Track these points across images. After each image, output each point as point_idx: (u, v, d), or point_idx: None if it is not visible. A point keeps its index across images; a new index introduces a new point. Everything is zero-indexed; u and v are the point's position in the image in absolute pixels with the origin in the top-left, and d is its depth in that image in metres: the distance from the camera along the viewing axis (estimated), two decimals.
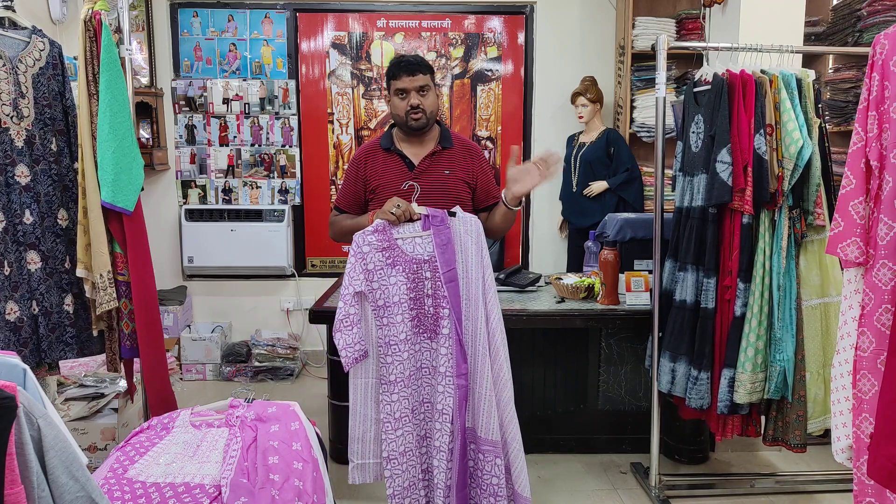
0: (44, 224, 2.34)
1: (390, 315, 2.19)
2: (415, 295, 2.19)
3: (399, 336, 2.19)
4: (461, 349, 2.17)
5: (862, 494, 1.63)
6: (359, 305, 2.20)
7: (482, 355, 2.17)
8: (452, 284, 2.19)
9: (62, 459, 1.16)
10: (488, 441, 2.19)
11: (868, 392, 1.58)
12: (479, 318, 2.18)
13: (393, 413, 2.19)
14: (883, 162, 1.56)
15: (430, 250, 2.20)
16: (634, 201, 3.95)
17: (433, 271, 2.20)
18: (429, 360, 2.22)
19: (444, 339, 2.19)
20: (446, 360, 2.18)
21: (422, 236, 2.22)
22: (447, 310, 2.19)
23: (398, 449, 2.21)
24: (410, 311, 2.20)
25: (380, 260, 2.19)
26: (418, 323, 2.20)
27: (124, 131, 2.31)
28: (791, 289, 2.42)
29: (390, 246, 2.19)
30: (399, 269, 2.19)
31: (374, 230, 2.20)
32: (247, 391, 2.17)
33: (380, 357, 2.20)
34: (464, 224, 2.24)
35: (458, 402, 2.17)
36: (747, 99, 2.38)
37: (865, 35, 3.36)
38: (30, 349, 2.31)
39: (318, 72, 4.42)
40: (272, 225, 4.34)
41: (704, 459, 3.11)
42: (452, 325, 2.17)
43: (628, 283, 2.90)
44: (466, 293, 2.20)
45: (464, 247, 2.22)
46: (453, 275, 2.19)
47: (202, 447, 1.94)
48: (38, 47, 2.32)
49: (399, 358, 2.19)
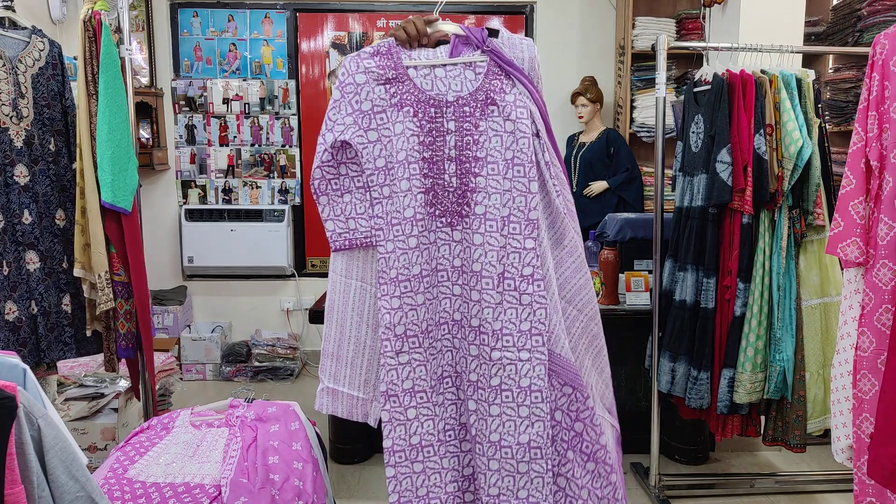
0: (42, 224, 2.34)
1: (392, 181, 1.52)
2: (430, 154, 1.53)
3: (404, 213, 1.53)
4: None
5: (862, 494, 1.62)
6: (343, 165, 1.55)
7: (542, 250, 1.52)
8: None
9: (62, 459, 1.16)
10: (569, 366, 1.54)
11: (868, 392, 1.58)
12: (528, 196, 1.51)
13: (393, 326, 1.54)
14: (883, 162, 1.56)
15: (459, 87, 1.53)
16: (634, 201, 3.95)
17: (461, 120, 1.52)
18: (448, 257, 1.56)
19: (477, 222, 1.52)
20: (481, 252, 1.52)
21: (447, 66, 1.54)
22: (483, 179, 1.52)
23: (403, 383, 1.56)
24: (423, 178, 1.54)
25: (380, 97, 1.52)
26: (434, 199, 1.54)
27: (122, 132, 2.31)
28: (791, 289, 2.42)
29: (398, 77, 1.53)
30: (408, 111, 1.52)
31: (375, 52, 1.54)
32: (247, 391, 2.16)
33: (377, 244, 1.55)
34: (512, 48, 1.59)
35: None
36: (747, 99, 2.37)
37: (865, 35, 3.36)
38: (29, 349, 2.31)
39: (318, 72, 4.42)
40: (272, 225, 4.34)
41: (704, 459, 3.11)
42: (492, 203, 1.51)
43: (628, 283, 2.90)
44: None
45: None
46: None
47: (202, 447, 1.94)
48: (37, 47, 2.32)
49: (403, 245, 1.53)
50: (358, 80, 1.52)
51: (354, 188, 1.55)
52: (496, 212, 1.52)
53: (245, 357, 4.24)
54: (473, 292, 1.53)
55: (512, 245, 1.53)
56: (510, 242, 1.53)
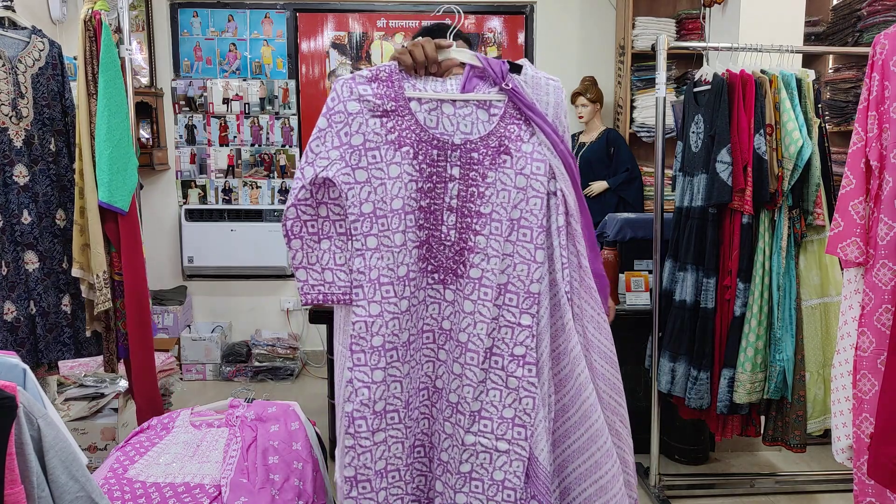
0: (41, 224, 2.34)
1: (382, 232, 1.32)
2: (429, 203, 1.35)
3: (397, 271, 1.33)
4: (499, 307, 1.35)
5: (862, 494, 1.62)
6: (323, 206, 1.33)
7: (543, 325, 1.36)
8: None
9: (62, 459, 1.16)
10: (542, 477, 1.36)
11: (868, 392, 1.58)
12: (534, 266, 1.34)
13: (373, 403, 1.32)
14: (883, 162, 1.56)
15: (469, 128, 1.34)
16: (634, 201, 3.95)
17: (467, 167, 1.34)
18: (437, 317, 1.38)
19: (470, 286, 1.35)
20: (470, 322, 1.35)
21: (457, 102, 1.34)
22: (483, 238, 1.35)
23: (375, 465, 1.35)
24: (419, 229, 1.35)
25: (375, 131, 1.31)
26: (429, 253, 1.36)
27: (122, 132, 2.30)
28: (791, 289, 2.42)
29: (398, 110, 1.32)
30: (407, 152, 1.33)
31: (374, 77, 1.32)
32: (247, 391, 2.16)
33: (354, 304, 1.32)
34: (536, 89, 1.41)
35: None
36: (747, 99, 2.37)
37: (865, 35, 3.36)
38: (27, 349, 2.30)
39: (318, 72, 4.42)
40: (272, 225, 4.33)
41: (704, 459, 3.10)
42: (489, 267, 1.34)
43: (628, 283, 2.90)
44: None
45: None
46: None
47: (202, 447, 1.94)
48: (37, 47, 2.32)
49: (394, 309, 1.32)
50: (350, 109, 1.30)
51: (335, 234, 1.33)
52: (493, 278, 1.34)
53: (245, 357, 4.24)
54: (456, 364, 1.36)
55: (506, 318, 1.36)
56: (504, 315, 1.36)
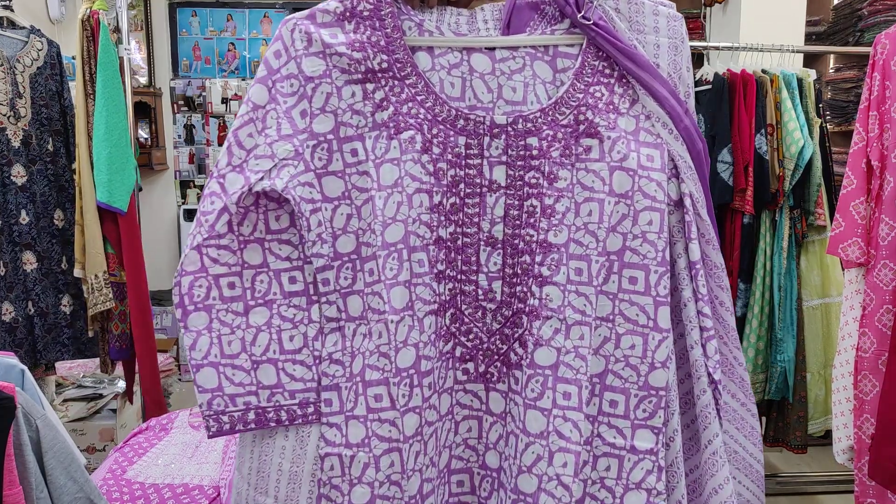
0: (39, 224, 2.33)
1: (372, 285, 0.80)
2: (453, 232, 0.82)
3: (394, 358, 0.80)
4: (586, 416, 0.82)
5: (863, 496, 1.62)
6: (256, 246, 0.81)
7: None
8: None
9: (61, 460, 1.16)
10: None
11: (869, 393, 1.57)
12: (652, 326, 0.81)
13: None
14: (884, 162, 1.56)
15: (520, 95, 0.82)
16: None
17: (522, 163, 0.81)
18: (476, 448, 0.86)
19: (535, 383, 0.82)
20: (540, 453, 0.81)
21: (497, 50, 0.81)
22: (557, 291, 0.82)
23: None
24: (437, 281, 0.82)
25: (354, 107, 0.81)
26: (457, 326, 0.83)
27: (120, 131, 2.30)
28: (792, 289, 2.42)
29: (393, 67, 0.81)
30: (412, 140, 0.81)
31: (348, 12, 0.81)
32: None
33: (323, 422, 0.83)
34: (636, 24, 0.82)
35: None
36: (748, 99, 2.37)
37: (866, 35, 3.36)
38: (25, 350, 2.30)
39: None
40: None
41: None
42: (571, 345, 0.81)
43: None
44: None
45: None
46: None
47: (201, 448, 1.94)
48: (36, 47, 2.31)
49: (388, 431, 0.81)
50: (308, 70, 0.80)
51: (281, 296, 0.80)
52: (578, 365, 0.80)
53: None
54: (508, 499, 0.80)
55: (606, 439, 0.82)
56: (603, 434, 0.83)
